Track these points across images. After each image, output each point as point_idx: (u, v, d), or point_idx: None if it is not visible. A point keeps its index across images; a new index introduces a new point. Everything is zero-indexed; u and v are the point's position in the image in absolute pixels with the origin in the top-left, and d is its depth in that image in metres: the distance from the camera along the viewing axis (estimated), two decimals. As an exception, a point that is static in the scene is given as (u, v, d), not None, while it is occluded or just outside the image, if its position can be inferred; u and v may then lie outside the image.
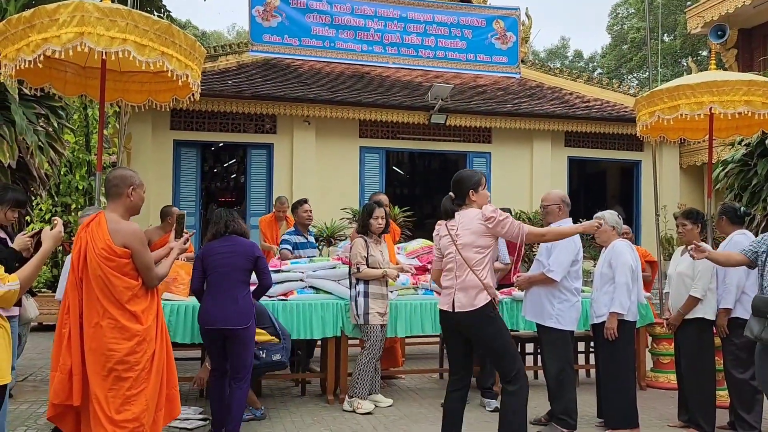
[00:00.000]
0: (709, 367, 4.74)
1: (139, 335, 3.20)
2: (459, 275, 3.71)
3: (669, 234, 11.78)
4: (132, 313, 3.21)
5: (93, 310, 3.19)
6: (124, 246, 3.21)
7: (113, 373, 3.15)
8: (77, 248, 3.24)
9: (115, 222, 3.27)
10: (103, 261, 3.17)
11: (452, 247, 3.74)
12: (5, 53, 4.11)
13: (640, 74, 31.84)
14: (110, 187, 3.34)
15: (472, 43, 14.13)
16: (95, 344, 3.16)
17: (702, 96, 5.23)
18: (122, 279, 3.20)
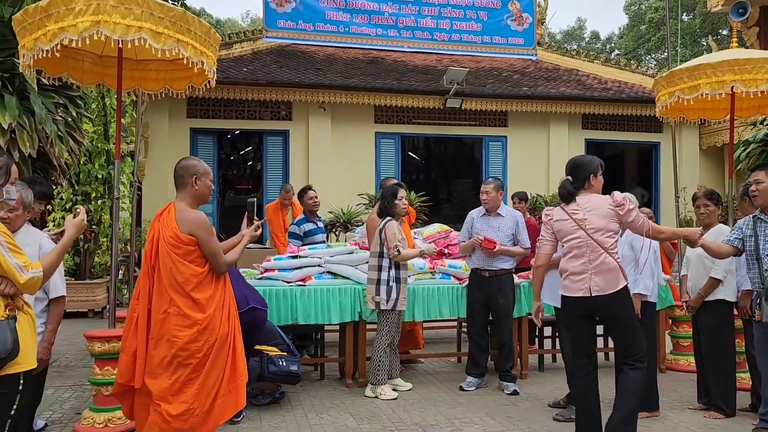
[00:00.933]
0: (730, 349, 4.70)
1: (200, 324, 3.25)
2: (593, 259, 3.67)
3: (689, 216, 11.64)
4: (195, 300, 3.27)
5: (162, 298, 3.28)
6: (189, 234, 3.28)
7: (176, 359, 3.23)
8: (150, 237, 3.35)
9: (181, 210, 3.35)
10: (171, 248, 3.27)
11: (579, 232, 3.70)
12: (23, 43, 4.14)
13: (658, 55, 31.36)
14: (176, 178, 3.42)
15: (488, 25, 13.99)
16: (162, 331, 3.25)
17: (723, 75, 5.14)
18: (188, 266, 3.27)
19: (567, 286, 3.76)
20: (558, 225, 3.80)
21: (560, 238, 3.82)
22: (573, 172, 3.85)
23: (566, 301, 3.78)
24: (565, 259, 3.78)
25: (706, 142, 13.30)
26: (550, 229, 3.86)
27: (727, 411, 4.59)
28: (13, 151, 5.27)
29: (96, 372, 4.31)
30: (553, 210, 3.86)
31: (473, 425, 4.45)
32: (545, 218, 3.89)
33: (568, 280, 3.75)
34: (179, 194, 3.43)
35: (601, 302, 3.66)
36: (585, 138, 13.06)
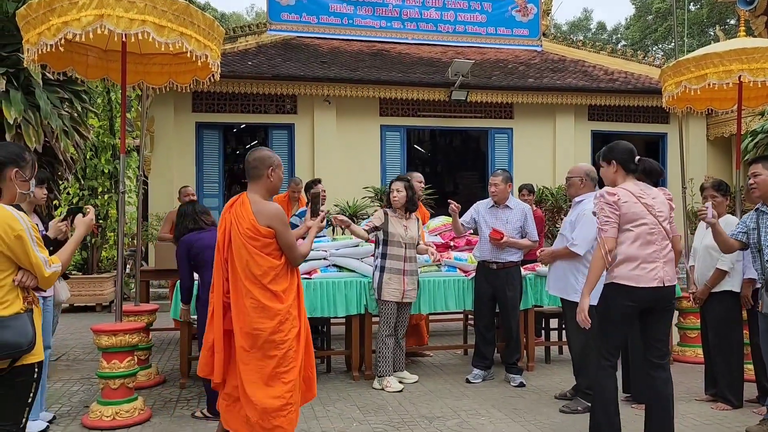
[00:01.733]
0: (737, 341, 4.69)
1: (281, 314, 3.25)
2: (663, 247, 3.53)
3: (696, 207, 11.58)
4: (273, 292, 3.25)
5: (237, 290, 3.25)
6: (268, 226, 3.26)
7: (260, 352, 3.22)
8: (222, 229, 3.32)
9: (258, 203, 3.32)
10: (248, 240, 3.23)
11: (649, 217, 3.50)
12: (27, 38, 4.14)
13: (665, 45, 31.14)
14: (250, 169, 3.38)
15: (493, 16, 13.91)
16: (241, 324, 3.23)
17: (731, 64, 5.09)
18: (266, 258, 3.25)
19: (638, 275, 3.46)
20: (627, 207, 3.49)
21: (626, 221, 3.49)
22: (632, 155, 3.64)
23: (637, 293, 3.46)
24: (633, 246, 3.48)
25: (713, 133, 13.21)
26: (617, 210, 3.48)
27: (734, 402, 4.58)
28: (19, 146, 5.28)
29: (103, 365, 4.33)
30: (616, 190, 3.54)
31: (479, 417, 4.46)
32: (611, 198, 3.50)
33: (640, 269, 3.46)
34: (253, 186, 3.39)
35: (668, 293, 3.53)
36: (591, 129, 13.00)
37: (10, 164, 2.70)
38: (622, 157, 3.64)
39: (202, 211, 4.69)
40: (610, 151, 3.69)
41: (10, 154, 2.74)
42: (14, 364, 2.58)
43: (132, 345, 4.44)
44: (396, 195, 5.26)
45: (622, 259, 3.50)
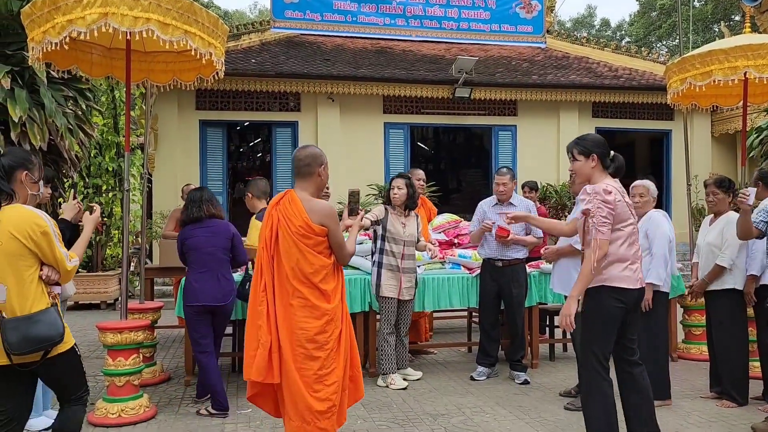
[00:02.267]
0: (741, 338, 4.67)
1: (328, 314, 3.19)
2: (638, 247, 3.44)
3: (700, 204, 11.56)
4: (322, 291, 3.20)
5: (284, 289, 3.19)
6: (321, 224, 3.19)
7: (304, 351, 3.15)
8: (269, 226, 3.24)
9: (309, 200, 3.25)
10: (300, 239, 3.17)
11: (633, 217, 3.40)
12: (32, 36, 4.14)
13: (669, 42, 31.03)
14: (301, 166, 3.30)
15: (496, 13, 13.88)
16: (287, 323, 3.17)
17: (736, 60, 5.06)
18: (318, 257, 3.19)
19: (628, 277, 3.31)
20: (620, 206, 3.32)
21: (618, 221, 3.31)
22: (608, 149, 3.47)
23: (627, 294, 3.32)
24: (624, 247, 3.32)
25: (718, 129, 13.16)
26: (614, 211, 3.29)
27: (739, 400, 4.57)
28: (24, 144, 5.30)
29: (109, 363, 4.34)
30: (611, 188, 3.33)
31: (484, 414, 4.46)
32: (609, 197, 3.28)
33: (629, 270, 3.32)
34: (302, 183, 3.31)
35: (643, 293, 3.48)
36: (595, 126, 12.97)
37: (19, 167, 2.85)
38: (602, 151, 3.44)
39: (208, 199, 4.71)
40: (586, 142, 3.47)
41: (18, 158, 2.89)
42: (46, 356, 2.73)
43: (137, 342, 4.44)
44: (396, 192, 5.25)
45: (613, 260, 3.32)
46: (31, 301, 2.71)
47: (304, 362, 3.14)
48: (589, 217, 3.30)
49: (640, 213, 4.80)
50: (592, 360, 3.39)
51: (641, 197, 4.76)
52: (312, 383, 3.15)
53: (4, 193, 2.80)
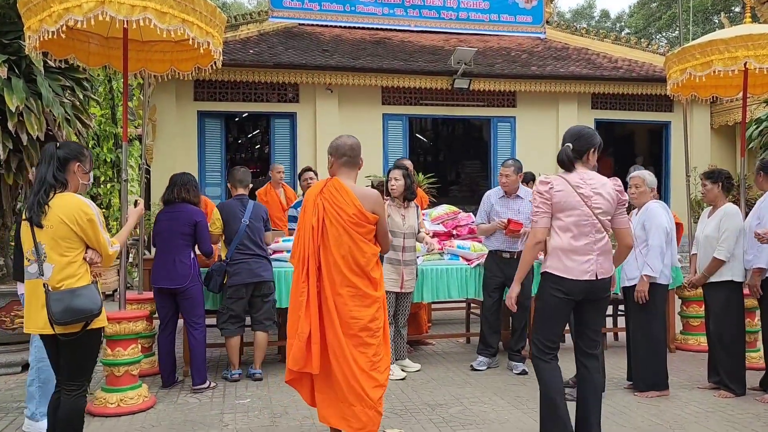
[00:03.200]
0: (738, 330, 4.68)
1: (378, 302, 3.22)
2: (598, 239, 3.38)
3: (699, 196, 11.57)
4: (371, 279, 3.21)
5: (332, 279, 3.17)
6: (373, 212, 3.21)
7: (358, 340, 3.17)
8: (315, 215, 3.20)
9: (357, 188, 3.26)
10: (354, 227, 3.16)
11: (584, 208, 3.36)
12: (29, 24, 4.12)
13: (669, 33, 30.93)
14: (343, 155, 3.32)
15: (495, 3, 13.80)
16: (338, 312, 3.16)
17: (736, 51, 5.05)
18: (370, 245, 3.21)
19: (569, 267, 3.36)
20: (560, 196, 3.38)
21: (558, 210, 3.38)
22: (575, 141, 3.50)
23: (567, 284, 3.36)
24: (565, 237, 3.37)
25: (717, 121, 13.15)
26: (549, 200, 3.39)
27: (736, 390, 4.58)
28: (21, 133, 5.27)
29: (107, 353, 4.34)
30: (551, 178, 3.44)
31: (482, 405, 4.47)
32: (543, 187, 3.42)
33: (572, 261, 3.36)
34: (346, 171, 3.31)
35: (602, 285, 3.41)
36: (595, 118, 12.94)
37: (73, 159, 3.16)
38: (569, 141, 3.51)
39: (183, 183, 4.95)
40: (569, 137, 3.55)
41: (73, 150, 3.19)
42: (86, 327, 3.04)
43: (136, 333, 4.45)
44: (394, 184, 5.22)
45: (552, 249, 3.40)
46: (75, 279, 3.03)
47: (360, 349, 3.16)
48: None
49: (637, 204, 4.80)
50: (534, 344, 3.50)
51: (636, 188, 4.77)
52: (369, 370, 3.17)
53: (58, 182, 3.08)
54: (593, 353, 3.53)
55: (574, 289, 3.37)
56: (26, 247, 3.09)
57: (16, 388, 5.01)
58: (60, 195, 3.06)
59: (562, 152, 3.50)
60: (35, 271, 3.04)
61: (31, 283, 3.07)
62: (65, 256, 3.02)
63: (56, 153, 3.13)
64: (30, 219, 3.02)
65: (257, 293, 5.07)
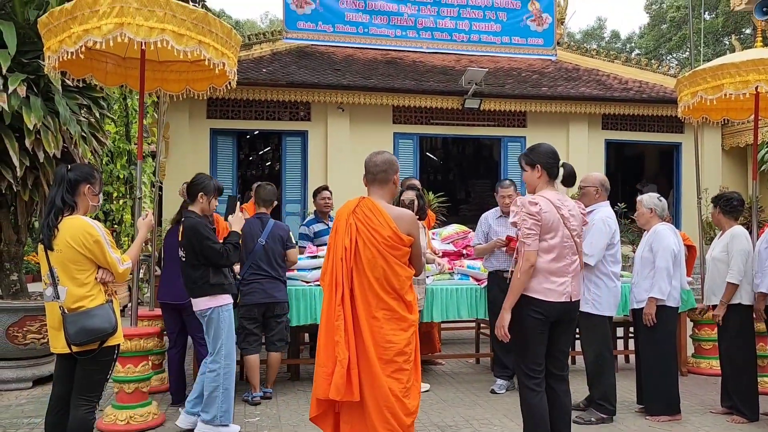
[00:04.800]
0: (749, 353, 4.65)
1: (414, 325, 3.11)
2: (573, 261, 3.40)
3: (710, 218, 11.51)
4: (407, 303, 3.09)
5: (366, 302, 3.04)
6: (408, 234, 3.08)
7: (393, 365, 3.02)
8: (348, 236, 3.06)
9: (392, 209, 3.14)
10: (389, 249, 3.03)
11: (565, 229, 3.37)
12: (48, 45, 4.20)
13: (679, 54, 30.98)
14: (378, 172, 3.19)
15: (507, 25, 13.90)
16: (372, 337, 3.02)
17: (747, 74, 5.07)
18: (404, 268, 3.09)
19: (550, 290, 3.33)
20: (547, 217, 3.33)
21: (544, 232, 3.34)
22: (556, 159, 3.49)
23: (546, 307, 3.33)
24: (546, 259, 3.33)
25: (728, 143, 13.11)
26: (540, 221, 3.33)
27: (749, 415, 4.53)
28: (38, 151, 5.35)
29: (118, 369, 4.35)
30: (538, 199, 3.38)
31: (492, 427, 4.44)
32: (534, 208, 3.33)
33: (551, 283, 3.33)
34: (377, 190, 3.19)
35: (574, 307, 3.44)
36: (605, 138, 12.95)
37: (83, 181, 3.21)
38: (548, 161, 3.49)
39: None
40: (533, 153, 3.52)
41: (83, 172, 3.25)
42: (102, 345, 3.11)
43: (147, 350, 4.47)
44: (409, 205, 5.26)
45: (539, 271, 3.35)
46: (89, 299, 3.09)
47: (395, 375, 3.01)
48: (517, 229, 3.42)
49: (644, 226, 4.82)
50: (519, 368, 3.47)
51: (636, 210, 4.83)
52: (402, 397, 3.03)
53: (67, 205, 3.15)
54: (562, 375, 3.51)
55: (552, 311, 3.36)
56: (43, 271, 3.17)
57: (27, 403, 5.03)
58: (68, 218, 3.13)
59: (571, 168, 3.49)
60: (51, 293, 3.13)
61: (49, 305, 3.17)
62: (76, 278, 3.10)
63: (67, 175, 3.19)
64: (42, 242, 3.11)
65: (270, 314, 5.07)
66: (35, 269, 12.40)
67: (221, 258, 4.07)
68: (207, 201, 4.27)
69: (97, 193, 3.29)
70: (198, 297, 4.15)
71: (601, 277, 4.56)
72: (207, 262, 4.10)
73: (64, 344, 3.08)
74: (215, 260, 4.08)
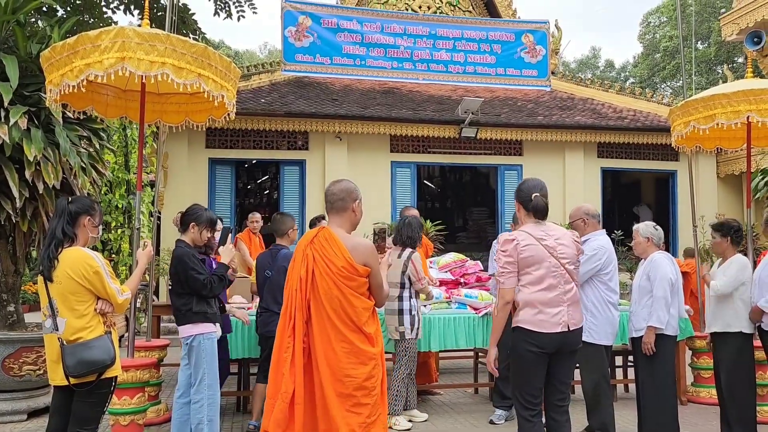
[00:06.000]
0: (748, 382, 4.63)
1: (375, 359, 3.00)
2: (567, 290, 3.41)
3: (708, 245, 11.53)
4: (367, 335, 2.99)
5: (324, 334, 2.95)
6: (364, 264, 3.01)
7: (352, 400, 2.93)
8: (304, 266, 3.01)
9: (349, 238, 3.07)
10: (343, 280, 2.96)
11: (551, 259, 3.38)
12: (50, 79, 4.27)
13: (673, 83, 31.36)
14: (334, 201, 3.15)
15: (502, 57, 14.13)
16: (330, 370, 2.93)
17: (739, 105, 5.15)
18: (361, 299, 3.00)
19: (542, 321, 3.34)
20: (529, 251, 3.37)
21: (527, 265, 3.38)
22: (541, 191, 3.51)
23: (541, 338, 3.34)
24: (534, 291, 3.37)
25: (723, 170, 13.22)
26: (514, 257, 3.37)
27: (749, 445, 4.50)
28: (38, 182, 5.38)
29: (114, 401, 4.33)
30: (514, 235, 3.43)
31: (491, 458, 4.40)
32: (507, 245, 3.38)
33: (543, 314, 3.35)
34: (336, 219, 3.13)
35: (574, 336, 3.42)
36: (601, 167, 13.05)
37: (83, 213, 3.25)
38: (521, 195, 3.53)
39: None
40: (516, 190, 3.61)
41: (84, 204, 3.29)
42: (100, 377, 3.11)
43: (143, 381, 4.45)
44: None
45: (524, 303, 3.38)
46: (87, 331, 3.09)
47: (354, 410, 2.92)
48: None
49: (640, 255, 4.83)
50: (515, 398, 3.49)
51: (633, 239, 4.85)
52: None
53: (67, 237, 3.18)
54: (563, 406, 3.49)
55: (548, 342, 3.36)
56: (42, 303, 3.18)
57: (22, 436, 4.98)
58: (67, 250, 3.15)
59: (540, 200, 3.48)
60: (50, 325, 3.13)
61: (48, 338, 3.17)
62: (76, 309, 3.11)
63: (68, 207, 3.23)
64: (42, 273, 3.13)
65: (265, 346, 5.06)
66: (32, 299, 12.35)
67: (204, 289, 4.09)
68: (198, 231, 4.28)
69: (97, 225, 3.34)
70: (182, 324, 4.16)
71: (597, 305, 4.56)
72: (191, 291, 4.13)
73: (62, 376, 3.08)
74: (198, 290, 4.10)
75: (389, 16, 13.74)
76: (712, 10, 27.48)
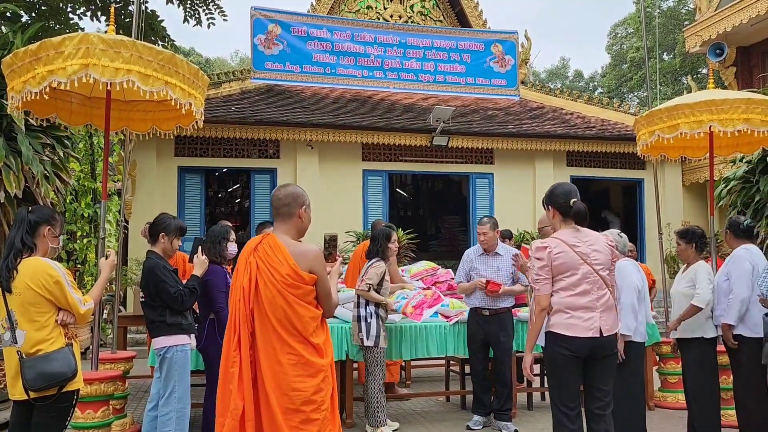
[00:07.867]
0: (712, 387, 4.71)
1: (324, 371, 2.87)
2: (601, 296, 3.43)
3: (673, 252, 11.75)
4: (315, 346, 2.85)
5: (269, 346, 2.82)
6: (310, 271, 2.88)
7: (300, 416, 2.78)
8: (247, 275, 2.88)
9: (294, 245, 2.93)
10: (288, 288, 2.83)
11: (585, 266, 3.41)
12: (12, 85, 4.17)
13: (640, 93, 31.99)
14: (280, 206, 3.01)
15: (471, 66, 14.27)
16: (276, 384, 2.79)
17: (701, 115, 5.26)
18: (308, 308, 2.86)
19: (574, 325, 3.39)
20: (561, 258, 3.41)
21: (560, 272, 3.42)
22: (567, 198, 3.51)
23: (572, 342, 3.38)
24: (567, 296, 3.42)
25: (688, 179, 13.51)
26: (549, 265, 3.42)
27: (714, 449, 4.57)
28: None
29: (77, 416, 4.23)
30: (547, 242, 3.47)
31: (461, 466, 4.40)
32: (541, 253, 3.44)
33: (576, 319, 3.39)
34: (281, 225, 3.00)
35: (608, 342, 3.44)
36: (570, 175, 13.23)
37: (43, 223, 3.19)
38: (558, 201, 3.54)
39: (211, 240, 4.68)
40: (548, 196, 3.62)
41: (43, 214, 3.23)
42: (61, 390, 3.04)
43: (108, 394, 4.36)
44: (397, 248, 5.47)
45: (557, 308, 3.44)
46: (48, 343, 3.02)
47: (302, 426, 2.77)
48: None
49: None
50: (553, 405, 3.51)
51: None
52: None
53: (26, 247, 3.12)
54: (601, 414, 3.48)
55: (581, 346, 3.39)
56: (0, 315, 3.09)
57: (-19, 452, 4.83)
58: (26, 260, 3.08)
59: (581, 206, 3.50)
60: (9, 338, 3.05)
61: (7, 351, 3.08)
62: (36, 321, 3.03)
63: (27, 217, 3.17)
64: (0, 284, 3.04)
65: None
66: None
67: (175, 302, 4.01)
68: (168, 241, 4.22)
69: (58, 235, 3.27)
70: (156, 336, 4.08)
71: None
72: (164, 303, 4.06)
73: (21, 390, 3.01)
74: (170, 303, 4.03)
75: (359, 25, 13.79)
76: (676, 22, 28.17)
